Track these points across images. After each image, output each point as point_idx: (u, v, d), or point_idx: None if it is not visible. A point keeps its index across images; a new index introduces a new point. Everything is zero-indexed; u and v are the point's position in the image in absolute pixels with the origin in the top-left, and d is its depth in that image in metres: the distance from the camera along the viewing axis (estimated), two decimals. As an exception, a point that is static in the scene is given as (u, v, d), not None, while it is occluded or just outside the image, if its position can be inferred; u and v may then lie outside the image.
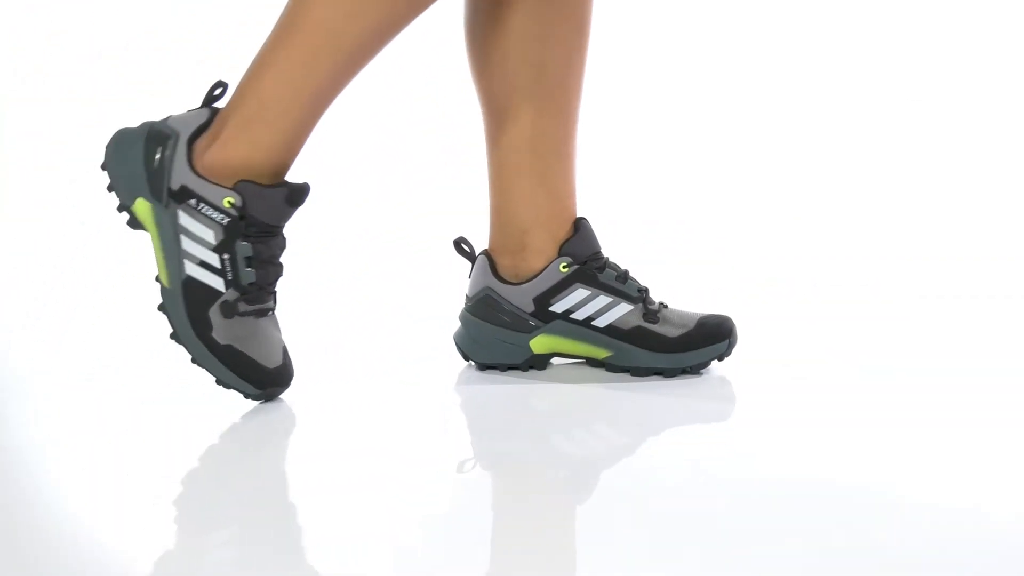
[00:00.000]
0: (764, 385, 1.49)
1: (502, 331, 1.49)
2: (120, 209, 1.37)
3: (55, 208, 2.57)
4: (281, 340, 1.39)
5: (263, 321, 1.36)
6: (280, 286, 1.40)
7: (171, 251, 1.34)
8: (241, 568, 1.02)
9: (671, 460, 1.25)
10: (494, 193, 1.51)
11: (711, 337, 1.48)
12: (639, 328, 1.48)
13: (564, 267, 1.49)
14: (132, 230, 1.38)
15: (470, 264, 1.53)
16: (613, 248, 1.55)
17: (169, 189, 1.33)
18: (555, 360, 1.54)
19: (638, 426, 1.36)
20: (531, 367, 1.50)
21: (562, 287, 1.49)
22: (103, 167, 1.38)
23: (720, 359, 1.49)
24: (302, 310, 1.72)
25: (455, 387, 1.47)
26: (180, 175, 1.33)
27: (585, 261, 1.49)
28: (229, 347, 1.33)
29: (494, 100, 1.48)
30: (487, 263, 1.51)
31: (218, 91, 1.39)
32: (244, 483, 1.20)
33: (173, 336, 1.35)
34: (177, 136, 1.35)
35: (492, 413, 1.40)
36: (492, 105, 1.48)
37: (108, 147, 1.38)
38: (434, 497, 1.17)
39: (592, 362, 1.51)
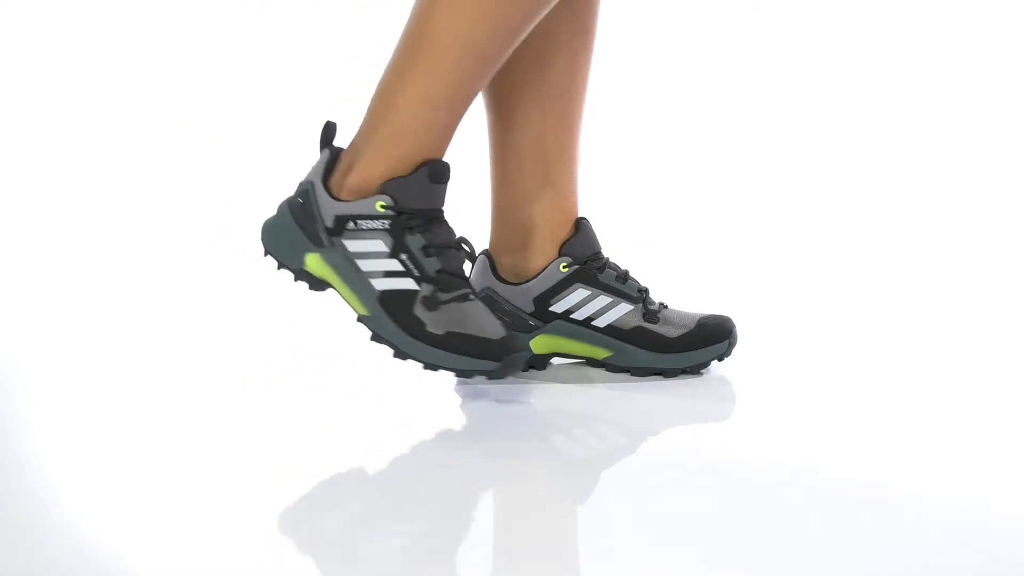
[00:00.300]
0: (764, 385, 1.49)
1: None
2: (297, 277, 1.39)
3: (54, 208, 2.57)
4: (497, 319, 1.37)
5: (469, 304, 1.36)
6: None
7: (355, 281, 1.35)
8: (243, 567, 1.02)
9: (671, 460, 1.25)
10: (497, 192, 1.51)
11: (711, 337, 1.48)
12: (639, 328, 1.48)
13: (564, 267, 1.49)
14: (317, 292, 1.39)
15: (470, 264, 1.53)
16: (613, 248, 1.55)
17: (326, 229, 1.36)
18: (555, 360, 1.54)
19: (638, 426, 1.36)
20: (531, 367, 1.50)
21: (562, 287, 1.49)
22: (266, 254, 1.41)
23: (720, 359, 1.49)
24: (302, 309, 1.72)
25: (455, 387, 1.47)
26: (328, 211, 1.36)
27: (585, 261, 1.49)
28: (449, 333, 1.33)
29: (499, 100, 1.48)
30: (487, 263, 1.51)
31: (332, 131, 1.41)
32: (241, 483, 1.20)
33: (398, 355, 1.34)
34: (312, 184, 1.38)
35: (492, 413, 1.39)
36: (497, 105, 1.49)
37: (263, 236, 1.41)
38: (434, 497, 1.17)
39: (592, 362, 1.51)
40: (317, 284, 1.39)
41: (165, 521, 1.10)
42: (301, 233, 1.37)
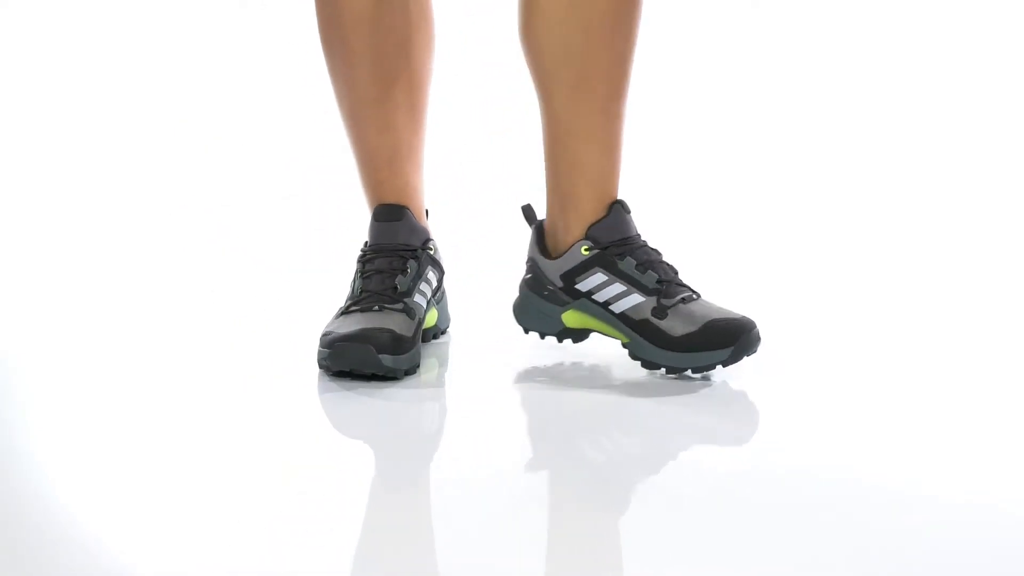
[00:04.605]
0: (768, 390, 1.45)
1: (540, 301, 1.54)
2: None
3: (54, 207, 2.57)
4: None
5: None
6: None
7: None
8: (243, 567, 1.02)
9: (675, 465, 1.25)
10: (545, 170, 1.55)
11: (713, 342, 1.43)
12: (646, 322, 1.46)
13: (585, 250, 1.50)
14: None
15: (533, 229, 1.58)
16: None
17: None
18: (574, 361, 1.55)
19: (648, 432, 1.35)
20: (568, 339, 1.55)
21: (583, 269, 1.51)
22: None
23: (724, 365, 1.44)
24: (302, 309, 1.72)
25: (473, 392, 1.47)
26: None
27: (607, 246, 1.49)
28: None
29: (535, 78, 1.52)
30: (537, 234, 1.55)
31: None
32: (241, 483, 1.20)
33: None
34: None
35: (495, 419, 1.39)
36: (535, 83, 1.52)
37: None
38: (435, 500, 1.17)
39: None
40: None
41: (165, 521, 1.10)
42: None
